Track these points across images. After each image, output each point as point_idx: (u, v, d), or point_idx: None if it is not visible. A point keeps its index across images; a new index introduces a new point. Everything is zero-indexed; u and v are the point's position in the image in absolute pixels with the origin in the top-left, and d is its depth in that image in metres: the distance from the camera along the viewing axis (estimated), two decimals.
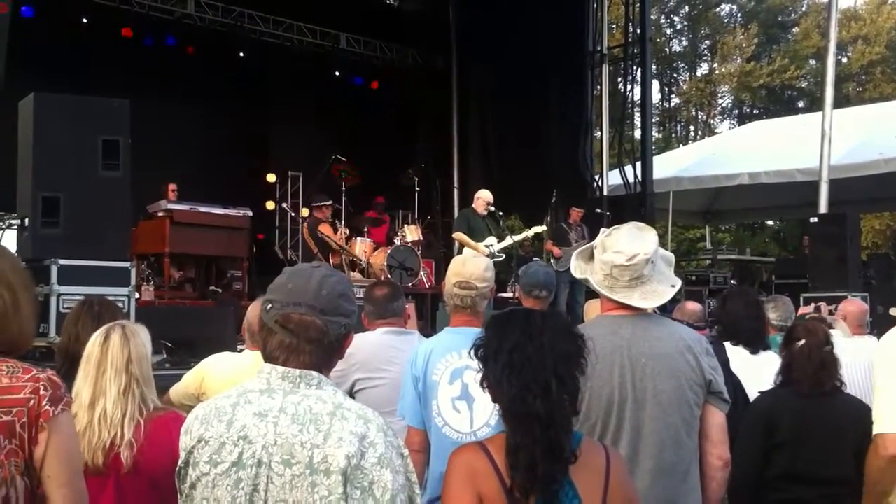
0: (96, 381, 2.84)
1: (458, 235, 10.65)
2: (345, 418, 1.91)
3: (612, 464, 2.19)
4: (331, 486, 1.84)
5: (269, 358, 2.01)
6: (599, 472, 2.16)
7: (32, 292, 2.39)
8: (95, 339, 2.92)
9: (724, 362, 3.80)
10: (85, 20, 12.54)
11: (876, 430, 2.95)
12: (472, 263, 3.65)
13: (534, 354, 2.15)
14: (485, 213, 10.67)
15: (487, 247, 10.27)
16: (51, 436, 2.15)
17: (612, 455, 2.24)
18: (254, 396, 1.97)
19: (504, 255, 10.48)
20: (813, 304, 6.36)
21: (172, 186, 11.63)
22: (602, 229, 3.01)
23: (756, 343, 4.51)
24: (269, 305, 2.01)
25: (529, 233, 11.33)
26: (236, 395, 1.99)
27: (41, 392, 2.15)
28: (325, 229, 10.33)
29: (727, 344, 4.47)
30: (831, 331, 4.76)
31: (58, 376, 2.24)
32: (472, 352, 2.30)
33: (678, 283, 2.96)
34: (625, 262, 2.84)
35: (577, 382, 2.18)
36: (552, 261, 11.11)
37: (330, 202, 10.85)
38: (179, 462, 1.99)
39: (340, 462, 1.85)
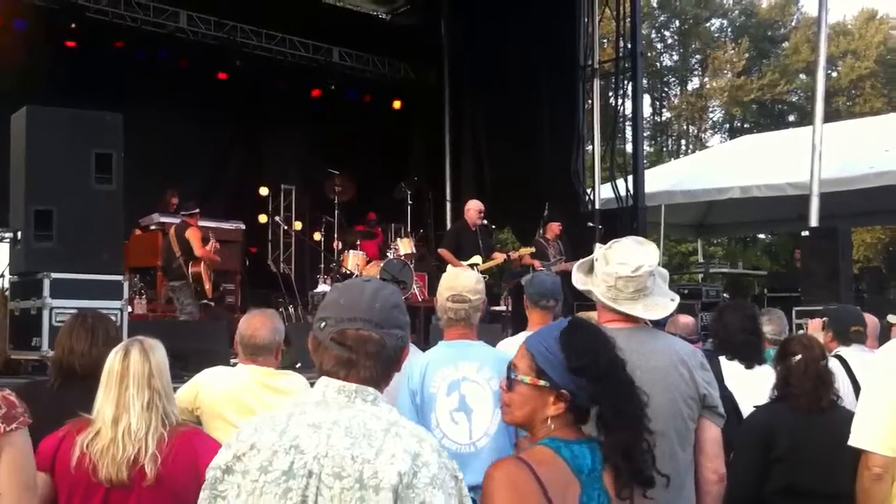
0: (119, 396, 2.84)
1: (443, 252, 10.65)
2: (399, 436, 1.87)
3: None
4: (379, 502, 1.80)
5: (326, 374, 1.98)
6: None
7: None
8: (115, 355, 2.92)
9: (718, 377, 3.79)
10: (78, 33, 12.52)
11: (853, 441, 2.94)
12: (465, 276, 3.70)
13: (617, 359, 2.23)
14: (478, 223, 10.67)
15: (472, 266, 10.25)
16: (1, 452, 2.13)
17: None
18: (309, 408, 1.94)
19: (487, 276, 10.39)
20: (818, 319, 6.31)
21: (174, 200, 11.65)
22: (597, 244, 3.02)
23: (752, 357, 4.45)
24: (323, 323, 1.98)
25: (516, 255, 11.35)
26: (292, 406, 1.97)
27: None
28: (193, 234, 9.99)
29: (722, 358, 4.44)
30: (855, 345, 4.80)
31: (16, 396, 2.22)
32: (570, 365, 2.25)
33: (677, 297, 2.99)
34: (630, 273, 2.86)
35: None
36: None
37: (197, 210, 10.39)
38: (220, 465, 1.92)
39: (392, 479, 1.80)
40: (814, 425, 3.60)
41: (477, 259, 10.49)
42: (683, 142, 44.50)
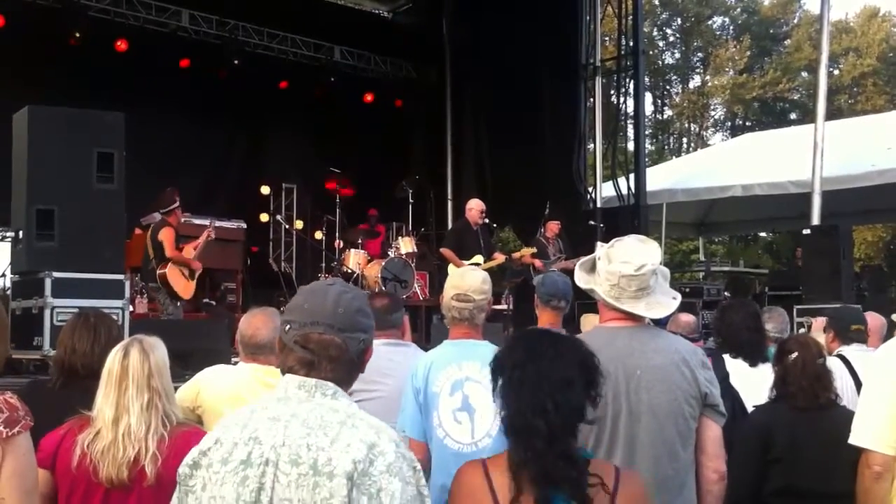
0: (118, 398, 2.85)
1: (445, 251, 10.63)
2: (355, 427, 1.94)
3: (622, 484, 2.17)
4: (333, 488, 1.85)
5: (288, 371, 2.05)
6: (606, 491, 2.15)
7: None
8: (114, 355, 2.92)
9: (724, 376, 3.78)
10: (79, 33, 12.50)
11: (854, 440, 2.95)
12: (471, 276, 3.71)
13: (532, 375, 2.19)
14: (480, 222, 10.65)
15: (474, 266, 10.24)
16: (4, 456, 2.14)
17: (624, 476, 2.21)
18: (271, 403, 2.02)
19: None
20: (822, 318, 6.31)
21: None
22: (599, 243, 3.03)
23: (755, 355, 4.45)
24: (288, 326, 2.05)
25: (518, 255, 11.35)
26: (256, 403, 2.05)
27: None
28: (166, 235, 9.28)
29: (726, 356, 4.45)
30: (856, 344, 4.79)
31: (18, 398, 2.22)
32: (489, 364, 2.34)
33: (679, 296, 2.99)
34: (633, 271, 2.86)
35: (579, 411, 2.20)
36: (533, 273, 11.19)
37: (174, 206, 9.56)
38: (188, 462, 2.01)
39: (346, 466, 1.85)
40: (812, 424, 3.60)
41: (479, 259, 10.48)
42: (685, 140, 44.47)
